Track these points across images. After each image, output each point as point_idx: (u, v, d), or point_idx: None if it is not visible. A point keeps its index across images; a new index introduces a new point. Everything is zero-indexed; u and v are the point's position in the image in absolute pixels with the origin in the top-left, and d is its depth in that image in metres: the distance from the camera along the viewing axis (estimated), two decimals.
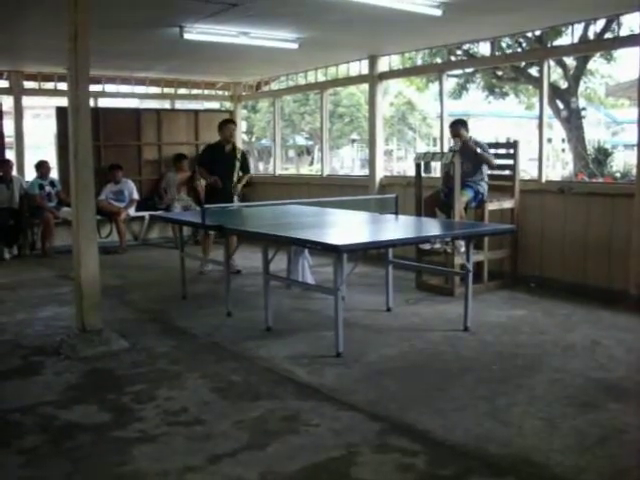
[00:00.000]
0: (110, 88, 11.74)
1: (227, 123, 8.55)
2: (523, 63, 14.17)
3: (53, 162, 10.96)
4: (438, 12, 6.49)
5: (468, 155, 7.19)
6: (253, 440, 3.57)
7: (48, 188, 10.27)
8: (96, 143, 10.04)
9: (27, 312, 6.50)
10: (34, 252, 10.03)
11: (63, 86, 10.46)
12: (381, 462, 3.33)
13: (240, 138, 13.16)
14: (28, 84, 11.00)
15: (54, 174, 10.72)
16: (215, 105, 13.78)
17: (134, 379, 4.56)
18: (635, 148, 6.89)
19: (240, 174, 8.42)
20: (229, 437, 3.61)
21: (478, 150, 7.23)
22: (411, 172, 8.62)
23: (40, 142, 19.04)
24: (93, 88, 10.43)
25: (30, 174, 10.63)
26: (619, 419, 3.82)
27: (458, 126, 7.43)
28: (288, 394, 4.26)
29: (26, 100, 11.28)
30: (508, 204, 7.41)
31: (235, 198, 8.28)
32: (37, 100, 15.19)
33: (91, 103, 6.24)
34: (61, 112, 10.01)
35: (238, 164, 8.38)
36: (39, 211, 9.99)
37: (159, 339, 5.54)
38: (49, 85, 11.17)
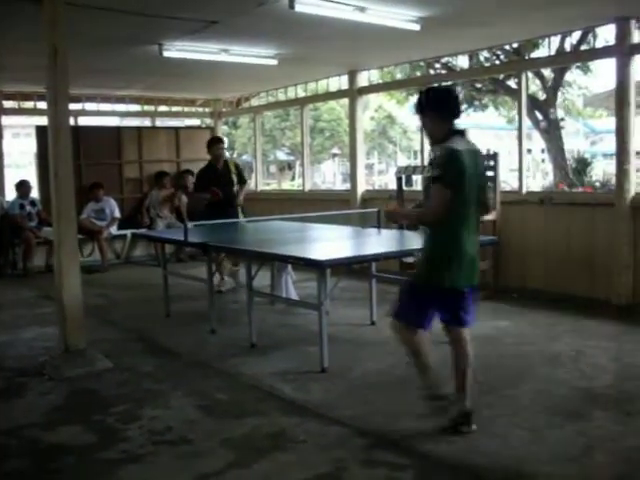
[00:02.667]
0: (90, 106, 11.70)
1: (215, 143, 8.56)
2: (501, 75, 14.30)
3: (33, 181, 10.89)
4: (416, 27, 6.54)
5: None
6: (240, 458, 3.54)
7: (29, 208, 10.20)
8: (77, 162, 9.99)
9: (9, 333, 6.44)
10: (15, 272, 9.94)
11: (43, 105, 10.40)
12: (369, 477, 3.33)
13: None
14: (7, 103, 10.96)
15: (34, 193, 10.66)
16: (196, 122, 13.77)
17: (118, 399, 4.52)
18: (614, 157, 6.96)
19: (237, 186, 8.41)
20: (215, 455, 3.59)
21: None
22: (392, 186, 8.65)
23: (20, 161, 18.96)
24: (73, 107, 10.42)
25: (10, 194, 10.57)
26: (605, 428, 3.84)
27: None
28: (274, 410, 4.24)
29: (5, 119, 11.23)
30: (489, 216, 7.42)
31: (239, 210, 8.30)
32: (16, 119, 15.12)
33: (71, 122, 6.22)
34: (41, 131, 9.96)
35: (235, 177, 8.39)
36: (20, 231, 9.92)
37: (143, 358, 5.50)
38: (29, 104, 11.11)
